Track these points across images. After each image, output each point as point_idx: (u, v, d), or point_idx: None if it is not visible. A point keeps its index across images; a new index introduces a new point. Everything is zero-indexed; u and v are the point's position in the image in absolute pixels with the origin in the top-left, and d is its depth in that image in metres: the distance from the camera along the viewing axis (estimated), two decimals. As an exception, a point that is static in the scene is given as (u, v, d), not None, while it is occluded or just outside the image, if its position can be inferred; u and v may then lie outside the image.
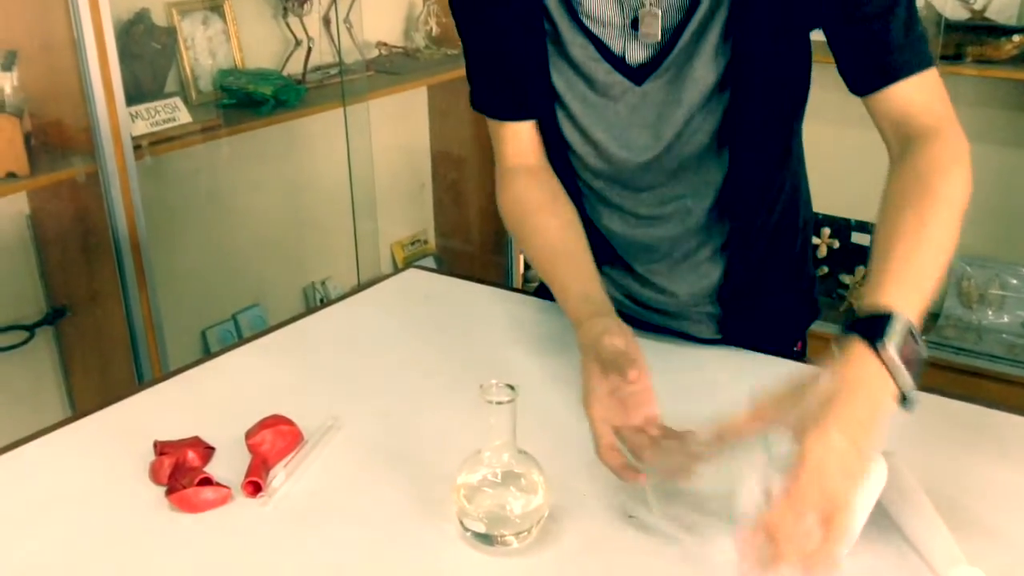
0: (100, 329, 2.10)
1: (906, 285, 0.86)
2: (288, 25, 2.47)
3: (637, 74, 1.05)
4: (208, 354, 1.30)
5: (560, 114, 1.11)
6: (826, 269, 3.00)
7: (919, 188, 0.93)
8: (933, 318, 2.90)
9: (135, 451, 1.01)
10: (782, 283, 1.25)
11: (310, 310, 1.40)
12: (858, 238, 2.97)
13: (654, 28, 1.01)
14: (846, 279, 2.94)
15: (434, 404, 1.11)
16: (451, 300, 1.41)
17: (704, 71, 1.03)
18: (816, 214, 3.01)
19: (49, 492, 0.96)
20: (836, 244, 2.99)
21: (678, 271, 1.19)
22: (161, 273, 2.11)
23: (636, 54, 1.05)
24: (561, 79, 1.08)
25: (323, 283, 2.78)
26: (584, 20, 1.05)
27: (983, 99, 2.80)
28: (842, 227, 2.99)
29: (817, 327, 1.33)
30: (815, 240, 3.01)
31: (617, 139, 1.09)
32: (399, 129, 2.95)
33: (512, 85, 1.12)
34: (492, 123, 1.17)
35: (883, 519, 0.88)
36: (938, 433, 1.04)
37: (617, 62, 1.05)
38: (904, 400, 0.81)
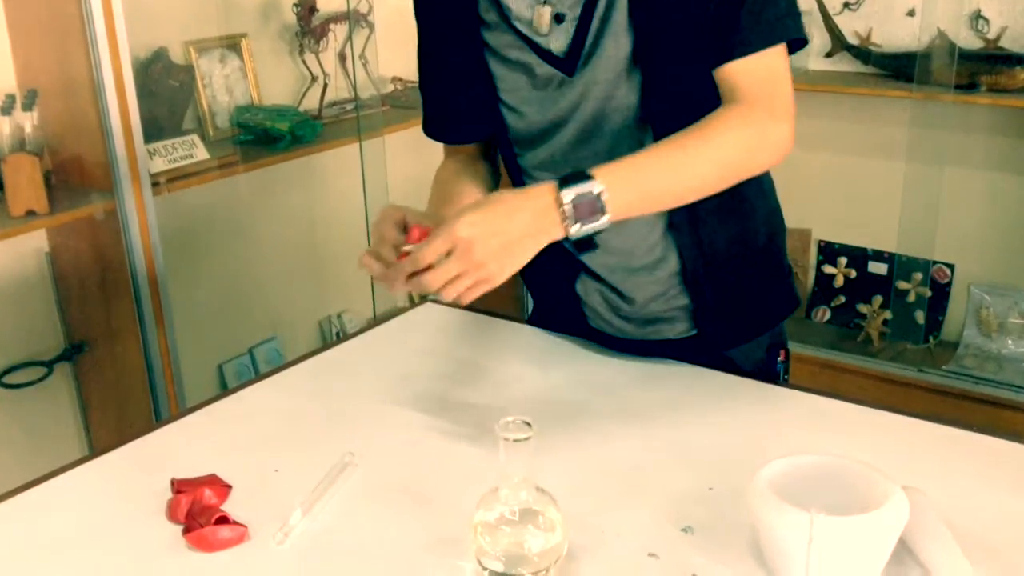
0: (118, 365, 2.11)
1: (623, 172, 0.99)
2: (304, 62, 2.50)
3: (566, 65, 1.13)
4: (225, 390, 1.30)
5: (505, 112, 1.20)
6: (843, 299, 2.98)
7: (702, 127, 1.03)
8: (953, 347, 2.88)
9: (152, 489, 1.01)
10: (749, 271, 1.25)
11: (326, 345, 1.41)
12: (874, 267, 2.96)
13: (545, 19, 1.11)
14: (863, 308, 2.92)
15: (450, 441, 1.11)
16: (467, 335, 1.41)
17: (614, 49, 1.10)
18: (831, 243, 3.00)
19: (67, 531, 0.97)
20: (853, 274, 2.98)
21: (635, 260, 1.22)
22: (178, 307, 2.12)
23: (558, 44, 1.12)
24: (503, 80, 1.18)
25: (339, 316, 2.79)
26: (516, 24, 1.13)
27: (998, 128, 2.79)
28: (858, 256, 2.98)
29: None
30: (831, 269, 3.00)
31: (550, 116, 1.17)
32: (415, 162, 2.96)
33: (460, 108, 1.24)
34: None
35: (905, 554, 0.87)
36: (959, 467, 1.03)
37: (547, 55, 1.13)
38: (567, 241, 0.97)
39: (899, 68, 2.71)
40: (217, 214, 2.42)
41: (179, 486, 1.00)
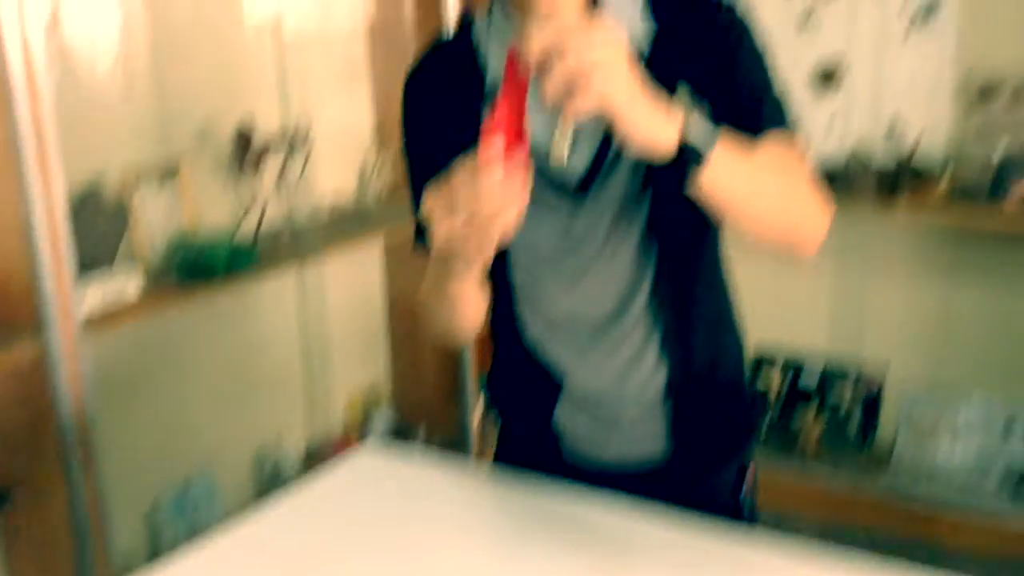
0: (43, 514, 1.98)
1: (734, 151, 1.01)
2: (241, 186, 2.46)
3: (574, 193, 1.16)
4: (157, 545, 1.22)
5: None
6: (776, 411, 3.02)
7: (787, 163, 1.13)
8: (887, 456, 2.92)
9: None
10: (722, 391, 1.28)
11: (263, 491, 1.33)
12: (806, 378, 3.01)
13: (560, 151, 1.10)
14: (797, 421, 2.96)
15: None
16: (410, 486, 1.35)
17: (627, 177, 1.14)
18: (762, 356, 3.05)
19: None
20: (784, 387, 3.03)
21: (623, 378, 1.23)
22: (107, 448, 2.02)
23: (570, 172, 1.16)
24: None
25: (275, 443, 2.70)
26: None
27: (917, 238, 2.91)
28: (789, 368, 3.02)
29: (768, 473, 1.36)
30: (765, 382, 3.04)
31: (556, 251, 1.19)
32: (353, 282, 2.93)
33: None
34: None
35: None
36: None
37: (555, 183, 1.16)
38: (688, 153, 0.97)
39: (821, 181, 2.80)
40: (150, 348, 2.33)
41: None
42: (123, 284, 2.08)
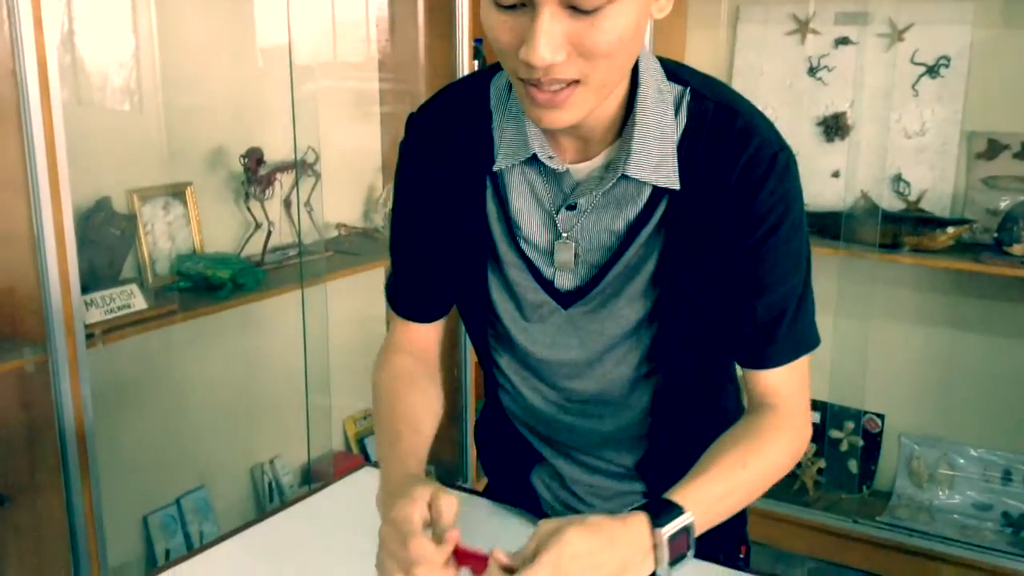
0: (39, 520, 2.02)
1: (707, 498, 0.97)
2: (249, 209, 2.51)
3: (564, 299, 1.10)
4: (152, 556, 1.25)
5: (489, 325, 1.17)
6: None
7: (755, 438, 1.05)
8: (886, 496, 2.92)
9: None
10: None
11: (260, 507, 1.36)
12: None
13: (567, 256, 1.08)
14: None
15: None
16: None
17: (629, 310, 1.08)
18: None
19: None
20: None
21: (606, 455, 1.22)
22: (105, 458, 2.05)
23: (565, 281, 1.10)
24: (496, 295, 1.14)
25: (271, 462, 2.72)
26: (521, 243, 1.10)
27: (921, 285, 2.91)
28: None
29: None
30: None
31: (545, 353, 1.15)
32: (357, 306, 2.97)
33: (433, 294, 1.20)
34: (397, 317, 1.24)
35: None
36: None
37: (547, 285, 1.11)
38: None
39: (825, 226, 2.83)
40: (152, 364, 2.37)
41: None
42: (127, 299, 2.12)
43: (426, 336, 1.24)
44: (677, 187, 1.02)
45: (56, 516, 1.99)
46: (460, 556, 0.91)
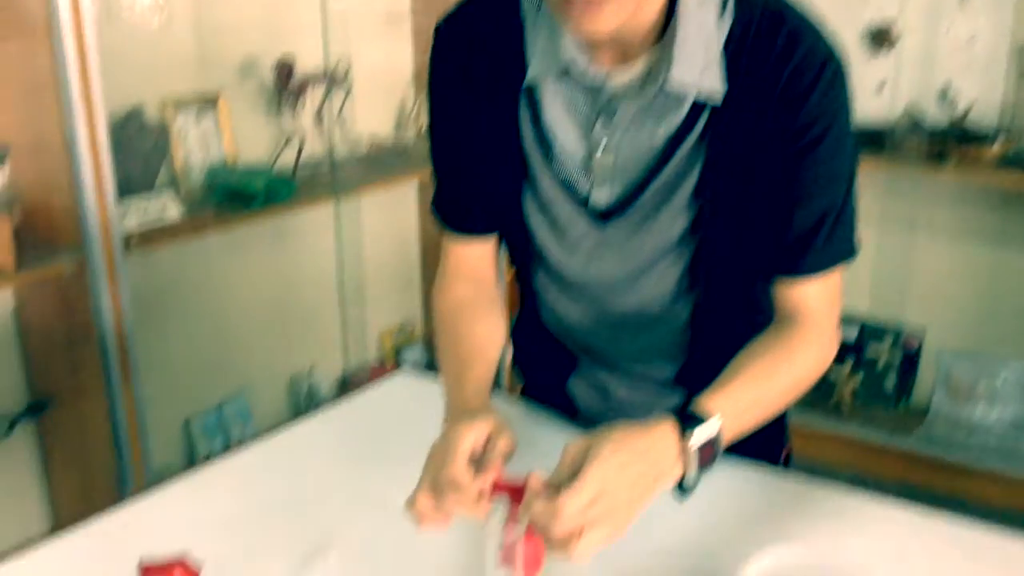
0: (82, 422, 2.07)
1: (735, 406, 0.94)
2: (281, 121, 2.49)
3: (602, 216, 1.08)
4: (191, 446, 1.27)
5: (526, 241, 1.15)
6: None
7: (784, 347, 1.03)
8: (923, 413, 2.90)
9: (119, 571, 0.98)
10: None
11: (298, 415, 1.38)
12: (846, 332, 2.98)
13: (604, 171, 1.05)
14: (834, 373, 2.94)
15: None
16: (440, 407, 1.38)
17: (670, 224, 1.05)
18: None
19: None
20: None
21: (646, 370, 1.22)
22: (145, 364, 2.09)
23: (601, 197, 1.07)
24: (530, 211, 1.12)
25: (309, 372, 2.75)
26: (557, 160, 1.07)
27: (966, 201, 2.85)
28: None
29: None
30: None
31: (580, 273, 1.13)
32: (389, 220, 2.96)
33: (478, 205, 1.15)
34: (448, 234, 1.20)
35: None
36: (939, 556, 1.02)
37: (583, 202, 1.08)
38: (681, 489, 0.90)
39: (870, 141, 2.76)
40: (188, 272, 2.39)
41: (146, 570, 0.96)
42: (162, 207, 2.12)
43: (480, 258, 1.20)
44: (722, 92, 0.98)
45: (99, 419, 2.03)
46: (496, 487, 0.90)
